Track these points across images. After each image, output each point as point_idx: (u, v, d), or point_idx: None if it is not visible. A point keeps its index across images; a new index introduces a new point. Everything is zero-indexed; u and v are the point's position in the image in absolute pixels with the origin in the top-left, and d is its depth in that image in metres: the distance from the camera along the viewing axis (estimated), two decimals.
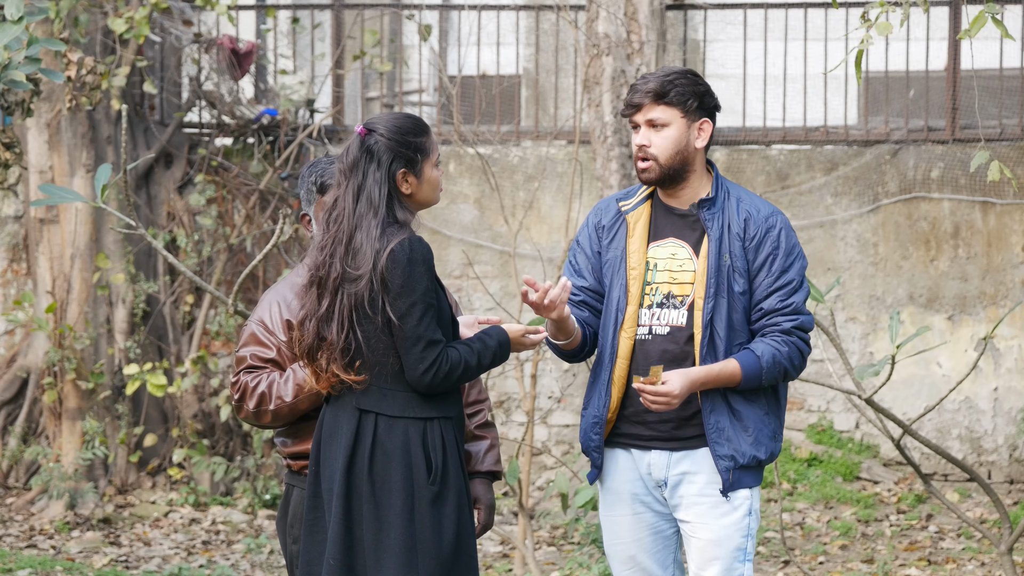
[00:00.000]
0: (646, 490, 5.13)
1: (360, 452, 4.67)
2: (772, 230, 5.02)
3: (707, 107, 5.07)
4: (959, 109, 11.67)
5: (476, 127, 11.90)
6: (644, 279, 5.07)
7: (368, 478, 4.66)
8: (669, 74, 5.06)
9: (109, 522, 11.08)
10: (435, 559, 4.63)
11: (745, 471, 5.03)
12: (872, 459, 11.42)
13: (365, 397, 4.69)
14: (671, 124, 5.04)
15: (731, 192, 5.08)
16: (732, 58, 12.57)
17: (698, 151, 5.06)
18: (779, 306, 5.01)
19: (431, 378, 4.63)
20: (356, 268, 4.63)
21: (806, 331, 5.03)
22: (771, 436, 5.06)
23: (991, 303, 11.45)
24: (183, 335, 11.94)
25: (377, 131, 4.73)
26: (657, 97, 5.04)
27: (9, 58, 6.05)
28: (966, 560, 9.73)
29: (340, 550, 4.67)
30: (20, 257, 12.15)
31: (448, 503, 4.67)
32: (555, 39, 12.49)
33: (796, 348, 5.02)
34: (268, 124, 12.02)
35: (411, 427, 4.67)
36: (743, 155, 11.82)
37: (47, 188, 5.97)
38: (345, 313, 4.65)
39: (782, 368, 5.00)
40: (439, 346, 4.64)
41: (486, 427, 5.47)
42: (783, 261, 5.02)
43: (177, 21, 11.87)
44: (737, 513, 5.05)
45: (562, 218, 11.50)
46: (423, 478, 4.64)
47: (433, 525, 4.64)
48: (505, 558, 9.95)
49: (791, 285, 5.02)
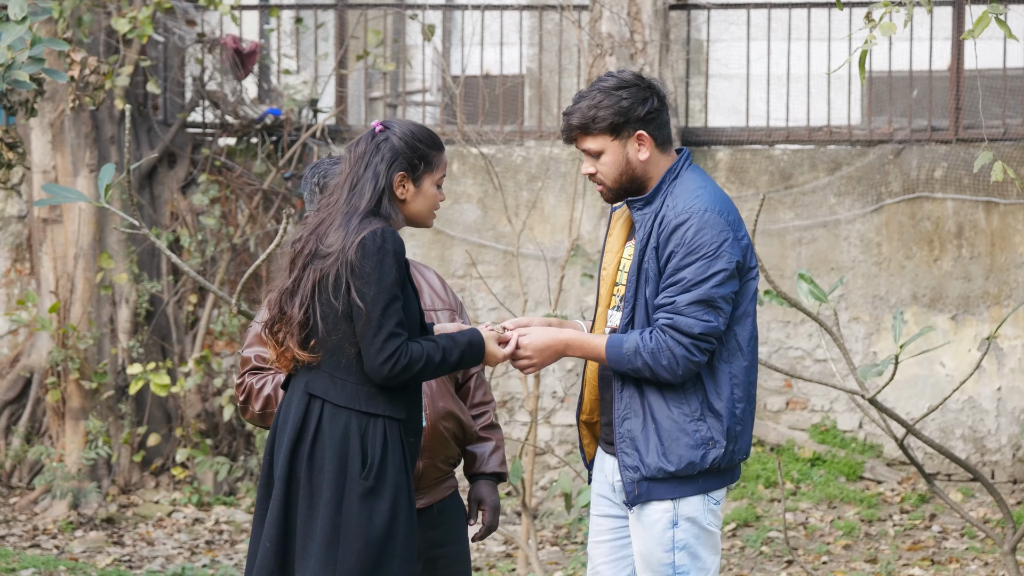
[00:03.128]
0: (610, 492, 5.06)
1: (304, 438, 4.66)
2: (680, 227, 4.81)
3: (638, 119, 4.91)
4: (963, 109, 11.66)
5: (479, 127, 11.90)
6: (614, 279, 5.03)
7: (307, 463, 4.65)
8: (593, 99, 4.90)
9: (112, 522, 11.09)
10: (356, 554, 4.57)
11: (656, 483, 4.85)
12: (875, 459, 11.42)
13: (315, 382, 4.68)
14: (605, 150, 4.93)
15: (673, 190, 4.91)
16: (735, 58, 12.56)
17: (646, 162, 4.93)
18: (662, 302, 4.82)
19: (389, 369, 4.59)
20: (328, 247, 4.64)
21: (682, 332, 4.77)
22: (702, 442, 4.83)
23: (995, 303, 11.44)
24: (186, 335, 11.95)
25: (391, 130, 4.76)
26: (583, 129, 4.93)
27: (13, 58, 6.06)
28: (969, 560, 9.72)
29: (277, 533, 4.66)
30: (24, 257, 12.16)
31: (382, 501, 4.61)
32: (558, 39, 12.49)
33: (664, 346, 4.78)
34: (271, 124, 12.02)
35: (353, 419, 4.64)
36: (746, 155, 11.81)
37: (50, 188, 5.97)
38: (308, 288, 4.65)
39: (643, 360, 4.79)
40: (400, 338, 4.60)
41: (491, 428, 5.46)
42: (680, 259, 4.80)
43: (180, 21, 11.87)
44: (657, 527, 4.89)
45: (565, 218, 11.50)
46: (356, 471, 4.60)
47: (359, 520, 4.58)
48: (508, 558, 9.95)
49: (681, 283, 4.79)
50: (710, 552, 4.94)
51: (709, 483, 4.89)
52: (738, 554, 10.05)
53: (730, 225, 4.86)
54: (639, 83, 4.95)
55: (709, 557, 4.94)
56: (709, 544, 4.94)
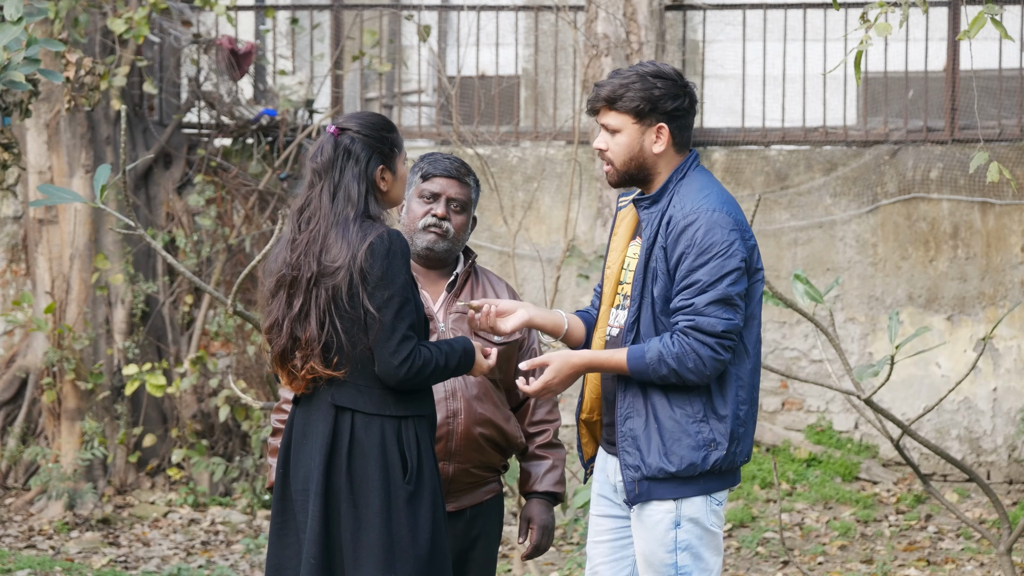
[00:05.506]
0: (611, 493, 5.06)
1: (338, 450, 4.65)
2: (690, 228, 4.80)
3: (664, 111, 4.91)
4: (958, 110, 11.67)
5: (475, 128, 11.90)
6: (618, 278, 5.02)
7: (347, 477, 4.64)
8: (627, 78, 4.92)
9: (108, 522, 11.08)
10: (413, 558, 4.61)
11: (657, 483, 4.85)
12: (871, 459, 11.42)
13: (341, 394, 4.67)
14: (623, 130, 4.92)
15: (679, 190, 4.90)
16: (731, 59, 12.56)
17: (658, 156, 4.93)
18: (680, 305, 4.80)
19: (405, 372, 4.59)
20: (333, 262, 4.61)
21: (705, 332, 4.76)
22: (703, 444, 4.82)
23: (990, 303, 11.45)
24: (182, 335, 11.94)
25: (351, 129, 4.73)
26: (609, 103, 4.93)
27: (8, 59, 6.06)
28: (965, 560, 9.73)
29: (320, 549, 4.64)
30: (19, 258, 12.15)
31: (423, 502, 4.65)
32: (554, 40, 12.49)
33: (689, 349, 4.76)
34: (267, 124, 12.02)
35: (387, 425, 4.65)
36: (742, 155, 11.82)
37: (46, 188, 5.97)
38: (323, 308, 4.63)
39: (669, 367, 4.77)
40: (413, 341, 4.61)
41: (550, 447, 5.41)
42: (693, 260, 4.79)
43: (176, 22, 11.87)
44: (659, 527, 4.88)
45: (561, 218, 11.50)
46: (399, 477, 4.62)
47: (410, 524, 4.62)
48: (504, 558, 9.95)
49: (697, 285, 4.78)
50: (712, 553, 4.94)
51: (710, 484, 4.89)
52: (734, 555, 10.05)
53: (738, 225, 4.86)
54: (676, 79, 4.96)
55: (712, 558, 4.94)
56: (712, 545, 4.93)
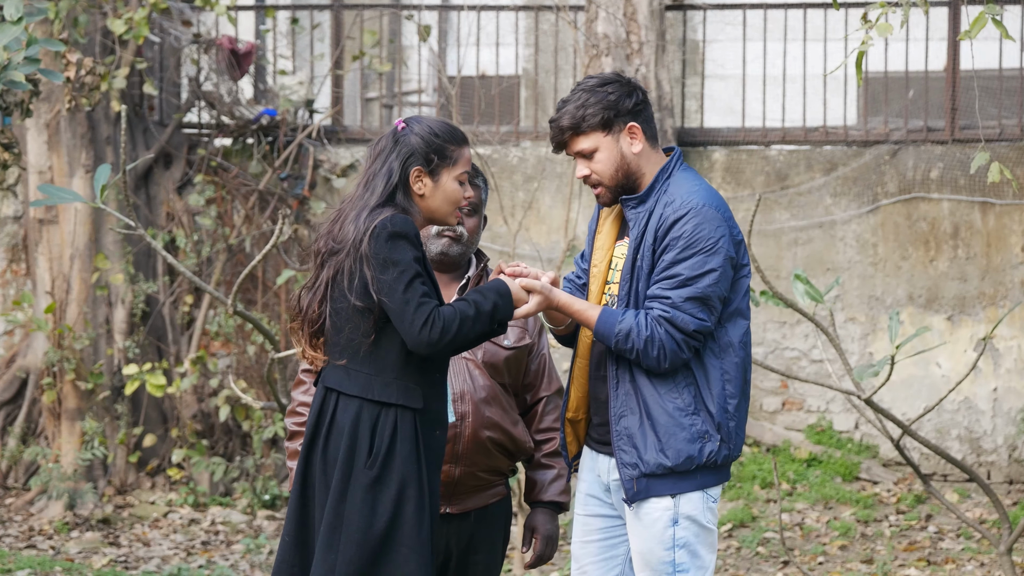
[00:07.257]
0: (602, 492, 5.04)
1: (319, 430, 4.66)
2: (680, 221, 4.77)
3: (627, 111, 4.89)
4: (958, 109, 11.67)
5: (475, 127, 11.90)
6: (605, 277, 4.99)
7: (322, 456, 4.64)
8: (579, 100, 4.88)
9: (108, 522, 11.08)
10: (357, 544, 4.53)
11: (656, 479, 4.83)
12: (871, 459, 11.42)
13: (331, 375, 4.68)
14: (599, 147, 4.89)
15: (667, 188, 4.88)
16: (731, 58, 12.56)
17: (639, 156, 4.90)
18: (657, 294, 4.77)
19: (428, 334, 4.50)
20: (340, 242, 4.61)
21: (677, 328, 4.74)
22: (697, 436, 4.81)
23: (990, 303, 11.45)
24: (182, 335, 11.94)
25: (412, 127, 4.73)
26: (574, 130, 4.89)
27: (8, 58, 6.06)
28: (965, 560, 9.72)
29: (294, 527, 4.66)
30: (19, 257, 12.15)
31: (387, 491, 4.55)
32: (554, 39, 12.49)
33: (658, 338, 4.74)
34: (267, 124, 12.01)
35: (365, 408, 4.60)
36: (742, 155, 11.82)
37: (46, 188, 5.97)
38: (323, 284, 4.64)
39: (633, 345, 4.74)
40: (430, 303, 4.52)
41: (556, 456, 5.35)
42: (678, 253, 4.76)
43: (176, 22, 11.87)
44: (657, 525, 4.87)
45: (561, 218, 11.50)
46: (362, 462, 4.57)
47: (363, 510, 4.54)
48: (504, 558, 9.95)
49: (678, 278, 4.75)
50: (708, 550, 4.94)
51: (706, 479, 4.88)
52: (734, 555, 10.05)
53: (726, 221, 4.84)
54: (620, 79, 4.95)
55: (707, 555, 4.94)
56: (707, 542, 4.94)
